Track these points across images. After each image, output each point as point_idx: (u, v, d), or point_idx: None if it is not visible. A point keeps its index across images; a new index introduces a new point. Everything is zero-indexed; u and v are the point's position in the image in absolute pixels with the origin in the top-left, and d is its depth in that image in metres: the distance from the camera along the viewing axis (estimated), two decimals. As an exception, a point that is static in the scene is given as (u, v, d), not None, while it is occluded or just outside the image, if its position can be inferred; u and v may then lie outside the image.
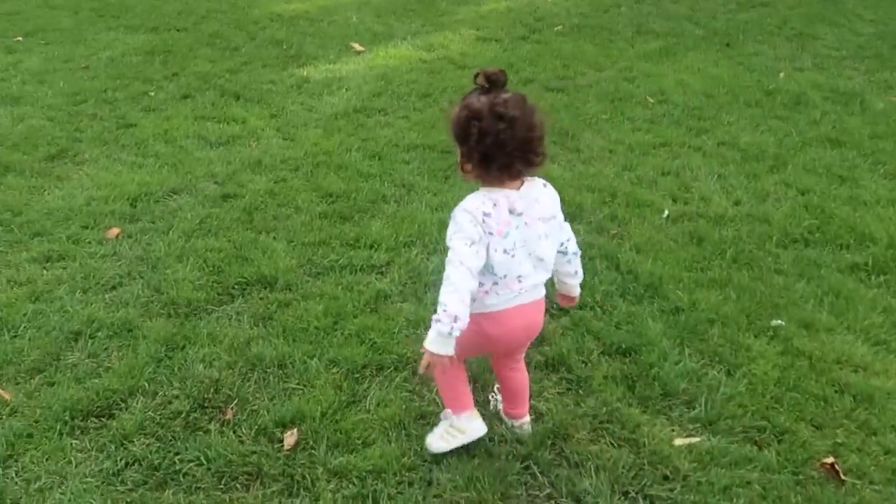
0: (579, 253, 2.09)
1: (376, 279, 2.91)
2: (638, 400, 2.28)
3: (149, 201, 3.55)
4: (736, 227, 3.29)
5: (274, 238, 3.21)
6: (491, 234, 1.80)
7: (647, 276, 2.89)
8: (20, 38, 6.12)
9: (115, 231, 3.26)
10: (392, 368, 2.42)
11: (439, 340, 1.75)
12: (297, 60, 5.68)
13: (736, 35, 6.33)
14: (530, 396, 2.20)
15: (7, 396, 2.28)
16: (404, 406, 2.25)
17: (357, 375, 2.38)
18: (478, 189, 1.86)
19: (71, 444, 2.12)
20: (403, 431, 2.15)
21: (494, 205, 1.81)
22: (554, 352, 2.48)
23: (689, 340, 2.53)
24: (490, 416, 2.19)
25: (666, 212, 3.41)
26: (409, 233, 3.20)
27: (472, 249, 1.77)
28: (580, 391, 2.33)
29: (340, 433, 2.14)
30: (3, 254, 3.11)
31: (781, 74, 5.32)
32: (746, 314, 2.68)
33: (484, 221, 1.79)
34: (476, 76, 1.82)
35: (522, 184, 1.86)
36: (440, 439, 2.07)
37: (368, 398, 2.28)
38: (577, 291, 2.14)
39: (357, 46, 5.97)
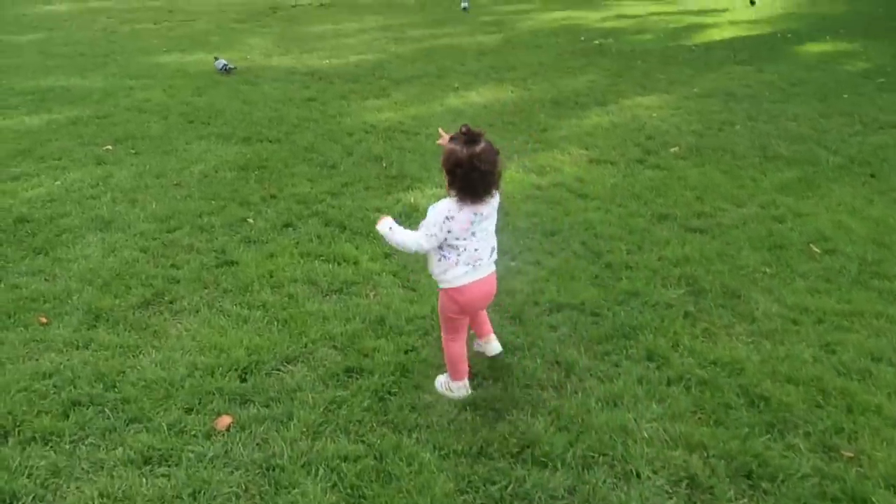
0: None
1: (562, 520, 2.28)
2: None
3: (260, 373, 3.01)
4: None
5: (417, 441, 2.61)
6: (450, 231, 2.65)
7: (925, 538, 2.19)
8: (110, 147, 5.85)
9: (225, 420, 2.71)
10: None
11: (383, 230, 2.79)
12: (400, 182, 5.25)
13: (877, 164, 5.72)
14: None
15: None
16: None
17: None
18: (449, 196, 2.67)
19: None
20: None
21: (460, 210, 2.64)
22: None
23: None
24: None
25: (904, 423, 2.73)
26: (586, 444, 2.57)
27: (428, 238, 2.68)
28: None
29: None
30: (94, 448, 2.57)
31: (955, 218, 4.68)
32: None
33: (445, 221, 2.64)
34: (462, 127, 2.60)
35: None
36: (441, 385, 2.95)
37: None
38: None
39: (463, 167, 5.54)
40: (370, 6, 14.59)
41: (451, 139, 2.61)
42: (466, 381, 2.90)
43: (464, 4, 14.18)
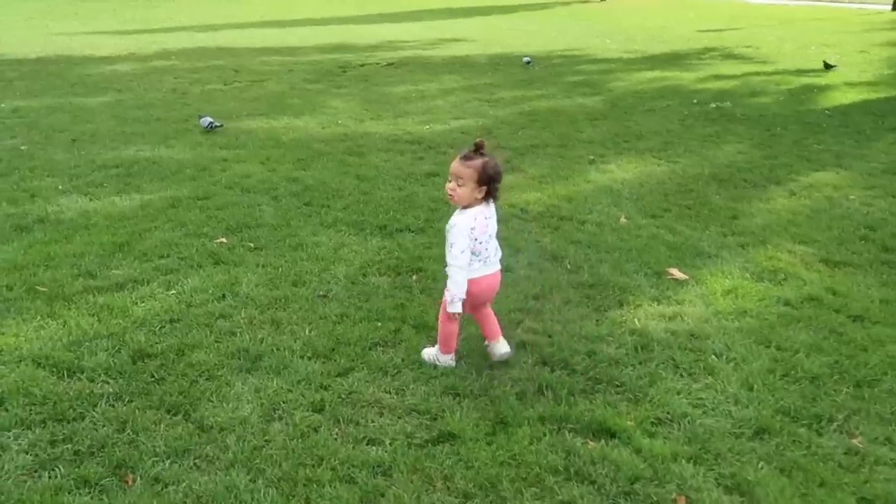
0: None
1: None
2: None
3: None
4: None
5: None
6: (476, 239, 3.09)
7: None
8: (223, 240, 4.78)
9: None
10: None
11: (454, 306, 3.09)
12: (603, 294, 4.07)
13: None
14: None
15: None
16: None
17: None
18: (460, 210, 3.13)
19: None
20: None
21: (475, 218, 3.08)
22: None
23: None
24: None
25: None
26: None
27: (464, 255, 3.07)
28: None
29: None
30: None
31: None
32: None
33: (471, 232, 3.07)
34: (476, 143, 3.07)
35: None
36: (428, 356, 3.34)
37: None
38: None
39: (676, 273, 4.37)
40: (441, 65, 13.76)
41: (467, 157, 3.05)
42: (454, 355, 3.32)
43: (526, 59, 13.63)
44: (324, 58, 14.72)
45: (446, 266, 3.10)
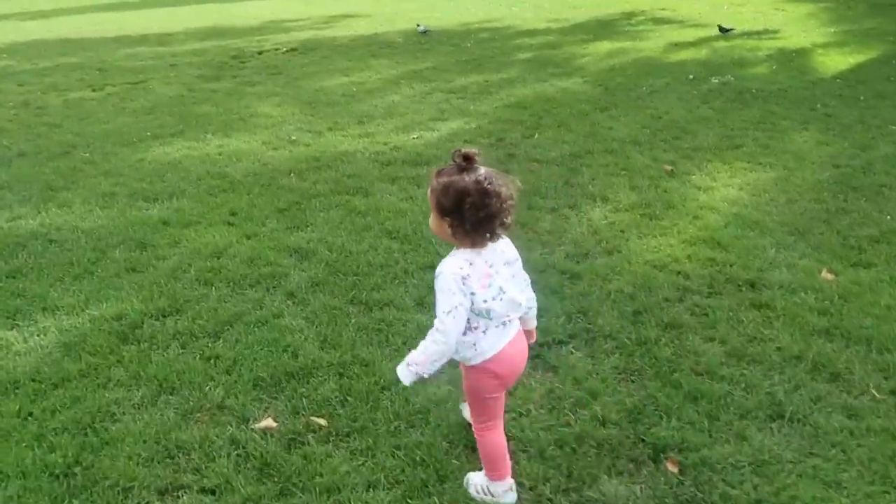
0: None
1: None
2: None
3: None
4: None
5: None
6: (473, 293, 2.04)
7: None
8: (270, 422, 2.57)
9: None
10: None
11: (405, 375, 2.10)
12: None
13: None
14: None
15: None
16: None
17: None
18: (453, 250, 2.10)
19: None
20: None
21: (471, 264, 2.05)
22: None
23: None
24: None
25: None
26: None
27: (453, 317, 2.02)
28: None
29: None
30: None
31: None
32: None
33: (464, 284, 2.03)
34: (454, 154, 2.01)
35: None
36: (475, 490, 2.29)
37: None
38: (534, 323, 2.40)
39: None
40: (355, 48, 11.46)
41: (438, 174, 2.03)
42: (512, 481, 2.30)
43: (421, 28, 12.57)
44: (206, 46, 11.96)
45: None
